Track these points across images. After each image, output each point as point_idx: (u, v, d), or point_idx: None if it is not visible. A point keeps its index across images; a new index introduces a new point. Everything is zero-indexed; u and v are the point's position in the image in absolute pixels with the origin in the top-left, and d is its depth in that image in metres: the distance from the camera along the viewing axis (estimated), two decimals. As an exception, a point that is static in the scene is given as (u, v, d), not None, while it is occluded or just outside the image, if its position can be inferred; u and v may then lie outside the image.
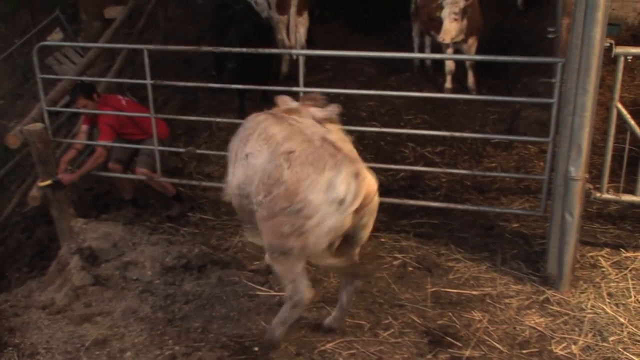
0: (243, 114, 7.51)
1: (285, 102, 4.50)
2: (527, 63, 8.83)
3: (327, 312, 4.77)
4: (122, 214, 6.82)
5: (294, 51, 6.99)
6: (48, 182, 6.19)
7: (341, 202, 3.68)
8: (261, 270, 5.42)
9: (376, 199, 3.95)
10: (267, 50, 6.93)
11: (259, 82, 7.03)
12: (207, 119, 7.56)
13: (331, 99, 7.64)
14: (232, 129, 7.80)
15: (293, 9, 9.20)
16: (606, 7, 4.28)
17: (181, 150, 7.10)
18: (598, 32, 4.31)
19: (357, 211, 3.74)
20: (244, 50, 6.44)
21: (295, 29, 9.29)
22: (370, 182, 3.84)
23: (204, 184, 6.84)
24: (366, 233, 4.04)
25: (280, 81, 9.33)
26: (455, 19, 8.18)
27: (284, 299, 4.24)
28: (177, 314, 4.98)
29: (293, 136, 3.95)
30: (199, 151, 7.06)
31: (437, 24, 8.55)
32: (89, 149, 7.30)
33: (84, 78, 7.47)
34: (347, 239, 3.98)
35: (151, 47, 6.44)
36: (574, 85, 4.53)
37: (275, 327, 4.26)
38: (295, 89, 5.80)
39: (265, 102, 7.61)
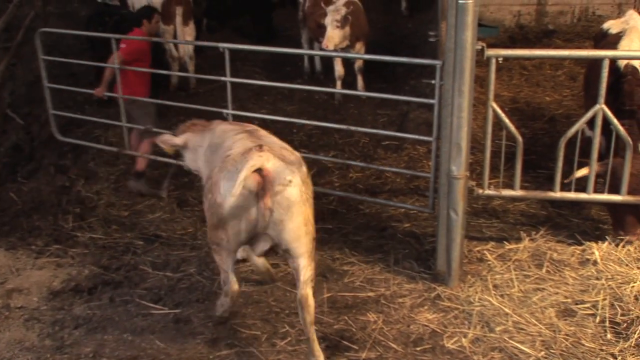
0: None
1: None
2: (412, 65, 9.27)
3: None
4: (4, 239, 6.45)
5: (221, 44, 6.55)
6: None
7: (246, 186, 3.90)
8: (154, 288, 5.29)
9: (290, 193, 4.00)
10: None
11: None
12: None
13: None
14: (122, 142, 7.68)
15: (179, 19, 9.08)
16: (475, 11, 4.47)
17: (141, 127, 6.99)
18: (469, 35, 4.50)
19: (259, 196, 3.94)
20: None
21: (182, 39, 9.16)
22: (271, 165, 3.98)
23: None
24: (289, 235, 4.07)
25: (171, 92, 9.22)
26: (338, 26, 8.32)
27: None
28: (66, 340, 4.77)
29: (242, 142, 4.32)
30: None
31: (324, 31, 8.66)
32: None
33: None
34: (274, 244, 4.17)
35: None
36: (450, 87, 4.71)
37: (217, 309, 4.78)
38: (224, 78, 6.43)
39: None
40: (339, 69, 9.04)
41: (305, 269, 4.17)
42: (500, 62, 5.09)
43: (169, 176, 7.08)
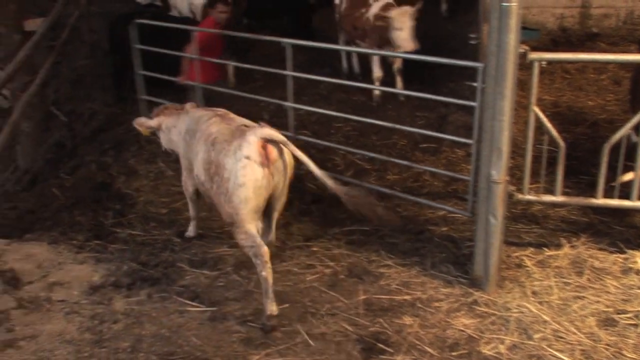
0: None
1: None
2: (451, 68, 9.16)
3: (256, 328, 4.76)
4: (47, 233, 6.60)
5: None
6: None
7: (248, 157, 4.54)
8: (191, 285, 5.35)
9: (283, 162, 4.71)
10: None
11: None
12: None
13: (260, 107, 7.77)
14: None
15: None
16: (519, 14, 4.42)
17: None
18: (512, 38, 4.45)
19: (265, 165, 4.56)
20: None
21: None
22: (274, 137, 4.65)
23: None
24: (282, 194, 4.90)
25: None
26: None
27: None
28: (105, 334, 4.84)
29: (217, 126, 4.95)
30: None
31: (362, 33, 8.66)
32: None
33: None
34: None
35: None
36: (492, 90, 4.66)
37: (265, 301, 4.74)
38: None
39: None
40: (376, 70, 9.03)
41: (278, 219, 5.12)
42: (544, 65, 5.01)
43: None
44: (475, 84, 5.31)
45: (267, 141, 4.60)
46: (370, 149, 7.67)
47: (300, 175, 7.21)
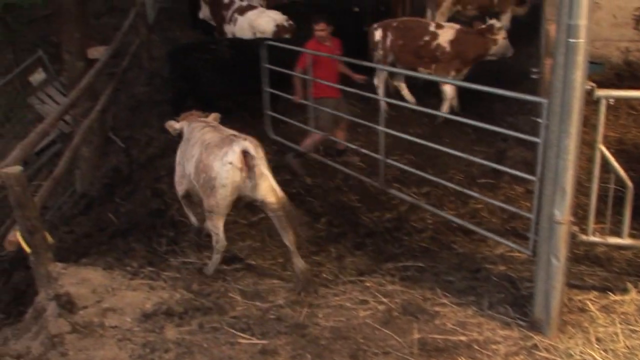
0: None
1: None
2: (510, 102, 9.12)
3: None
4: (102, 258, 6.73)
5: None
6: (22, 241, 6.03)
7: (231, 163, 5.65)
8: (243, 317, 5.36)
9: (261, 167, 5.70)
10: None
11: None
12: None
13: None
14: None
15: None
16: (586, 50, 4.34)
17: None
18: (579, 75, 4.36)
19: (243, 170, 5.66)
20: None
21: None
22: (251, 147, 5.67)
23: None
24: (263, 193, 5.77)
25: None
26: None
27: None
28: (156, 363, 4.88)
29: (211, 134, 6.03)
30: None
31: (429, 60, 8.79)
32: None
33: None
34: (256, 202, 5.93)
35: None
36: (556, 128, 4.57)
37: (209, 269, 6.15)
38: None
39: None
40: (449, 91, 9.52)
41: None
42: (611, 103, 4.90)
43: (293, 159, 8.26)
44: (539, 120, 5.20)
45: (246, 152, 5.66)
46: (425, 183, 7.63)
47: (354, 208, 7.22)
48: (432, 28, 9.58)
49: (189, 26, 14.34)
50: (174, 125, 6.87)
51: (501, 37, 9.45)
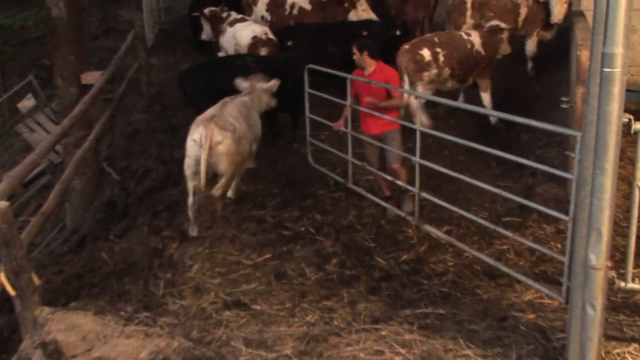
0: None
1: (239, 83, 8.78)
2: (538, 133, 9.11)
3: None
4: (93, 301, 6.70)
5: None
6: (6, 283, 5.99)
7: (194, 140, 7.39)
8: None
9: (220, 149, 7.39)
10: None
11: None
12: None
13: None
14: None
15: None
16: (622, 81, 4.33)
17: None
18: (615, 108, 4.34)
19: (205, 148, 7.24)
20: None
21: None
22: (213, 134, 7.35)
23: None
24: (221, 170, 7.50)
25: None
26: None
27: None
28: (149, 420, 4.82)
29: (209, 111, 7.87)
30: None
31: (472, 68, 10.14)
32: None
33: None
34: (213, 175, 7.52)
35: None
36: (591, 164, 4.54)
37: (189, 231, 7.75)
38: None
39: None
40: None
41: (222, 182, 7.57)
42: (650, 136, 4.88)
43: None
44: (571, 154, 5.18)
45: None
46: (445, 221, 7.59)
47: (368, 248, 7.19)
48: (465, 36, 10.28)
49: (192, 48, 14.52)
50: (240, 84, 8.72)
51: (505, 37, 10.46)
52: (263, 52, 10.85)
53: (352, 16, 12.44)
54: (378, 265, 6.92)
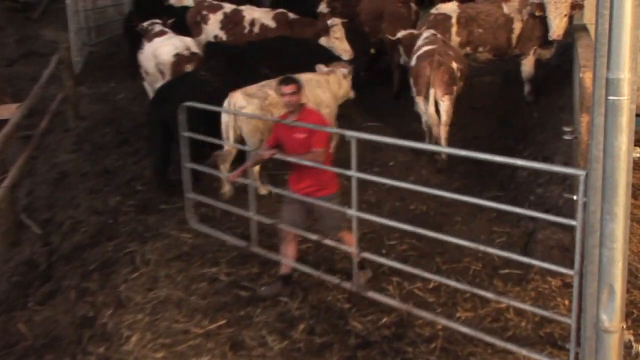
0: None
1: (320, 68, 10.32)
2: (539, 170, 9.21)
3: None
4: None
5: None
6: None
7: (224, 106, 9.15)
8: None
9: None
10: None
11: None
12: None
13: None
14: (163, 260, 7.89)
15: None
16: (631, 110, 4.42)
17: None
18: (623, 141, 4.42)
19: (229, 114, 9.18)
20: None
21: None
22: (236, 100, 9.19)
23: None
24: (244, 134, 9.26)
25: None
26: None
27: None
28: None
29: None
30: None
31: None
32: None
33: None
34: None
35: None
36: (598, 208, 4.60)
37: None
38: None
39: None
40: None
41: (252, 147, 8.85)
42: (666, 174, 4.97)
43: None
44: (574, 197, 5.24)
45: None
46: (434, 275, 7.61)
47: (341, 310, 7.17)
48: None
49: (131, 73, 14.43)
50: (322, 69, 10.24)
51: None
52: (188, 69, 11.10)
53: (324, 42, 12.68)
54: (354, 331, 6.89)
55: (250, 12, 13.43)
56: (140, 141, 11.61)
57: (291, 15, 13.42)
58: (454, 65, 10.40)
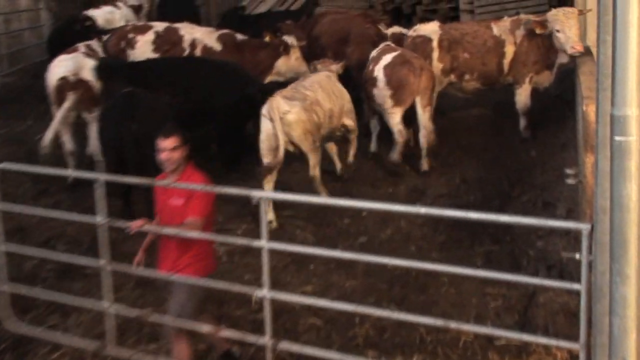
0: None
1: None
2: (539, 215, 9.27)
3: None
4: None
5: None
6: None
7: (264, 115, 10.21)
8: None
9: (289, 118, 10.24)
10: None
11: None
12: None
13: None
14: (90, 337, 7.78)
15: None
16: (640, 152, 4.44)
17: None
18: (633, 189, 4.44)
19: (272, 121, 10.11)
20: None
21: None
22: (278, 105, 10.22)
23: None
24: (296, 141, 10.37)
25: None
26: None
27: None
28: None
29: None
30: None
31: None
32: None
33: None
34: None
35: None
36: (607, 269, 4.62)
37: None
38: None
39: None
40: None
41: (310, 159, 10.55)
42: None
43: None
44: (576, 255, 5.25)
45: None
46: (417, 349, 7.59)
47: None
48: None
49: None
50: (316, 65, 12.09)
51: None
52: (70, 98, 11.26)
53: (281, 64, 12.83)
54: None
55: (190, 31, 13.48)
56: (62, 192, 11.52)
57: (239, 36, 13.58)
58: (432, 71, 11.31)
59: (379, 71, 11.47)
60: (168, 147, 6.87)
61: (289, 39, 13.03)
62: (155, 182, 7.18)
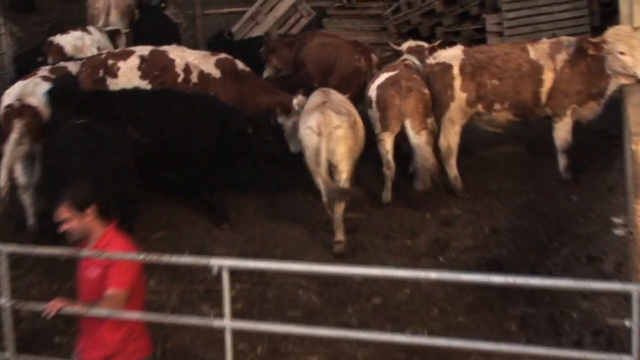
0: None
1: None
2: (585, 273, 9.05)
3: None
4: None
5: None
6: None
7: (310, 127, 10.73)
8: None
9: (338, 133, 10.59)
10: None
11: None
12: None
13: None
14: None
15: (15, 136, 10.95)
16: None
17: None
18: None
19: (321, 135, 10.52)
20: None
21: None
22: (329, 119, 10.59)
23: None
24: (338, 158, 10.65)
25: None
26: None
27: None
28: None
29: (314, 100, 11.46)
30: None
31: None
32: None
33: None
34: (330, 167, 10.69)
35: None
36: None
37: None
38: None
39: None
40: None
41: (343, 178, 10.78)
42: None
43: None
44: (627, 323, 5.08)
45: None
46: None
47: None
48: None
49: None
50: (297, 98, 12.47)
51: None
52: (17, 126, 11.09)
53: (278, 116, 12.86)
54: None
55: (181, 55, 13.03)
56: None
57: (240, 64, 13.25)
58: (426, 91, 11.49)
59: (372, 91, 11.78)
60: (61, 219, 6.65)
61: (295, 101, 12.59)
62: (67, 253, 6.95)
